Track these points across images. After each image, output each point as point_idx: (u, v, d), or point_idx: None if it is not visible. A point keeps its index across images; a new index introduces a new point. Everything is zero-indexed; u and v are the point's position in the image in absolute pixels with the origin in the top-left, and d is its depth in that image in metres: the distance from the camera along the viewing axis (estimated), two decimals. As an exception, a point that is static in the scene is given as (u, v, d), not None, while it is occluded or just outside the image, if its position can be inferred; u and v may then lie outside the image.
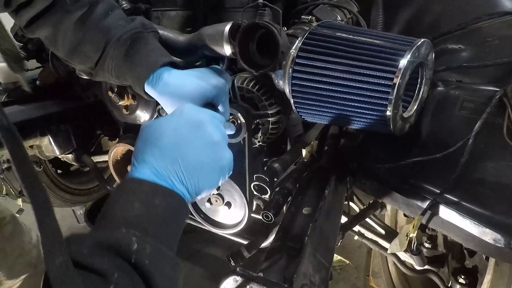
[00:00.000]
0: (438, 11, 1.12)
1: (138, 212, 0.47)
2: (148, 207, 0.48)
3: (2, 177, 1.78)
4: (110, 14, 0.78)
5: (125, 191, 0.50)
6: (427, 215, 0.79)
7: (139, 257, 0.42)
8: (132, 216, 0.47)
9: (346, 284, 1.84)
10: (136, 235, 0.44)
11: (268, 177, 0.97)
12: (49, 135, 1.37)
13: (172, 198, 0.52)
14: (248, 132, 0.93)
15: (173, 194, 0.52)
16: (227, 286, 0.60)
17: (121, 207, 0.48)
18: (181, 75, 0.74)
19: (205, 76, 0.75)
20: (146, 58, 0.75)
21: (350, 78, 0.74)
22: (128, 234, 0.44)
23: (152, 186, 0.51)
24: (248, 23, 0.80)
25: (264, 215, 0.89)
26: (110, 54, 0.76)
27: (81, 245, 0.42)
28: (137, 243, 0.43)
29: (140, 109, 1.12)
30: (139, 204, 0.48)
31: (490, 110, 0.74)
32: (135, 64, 0.75)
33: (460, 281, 1.09)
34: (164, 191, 0.51)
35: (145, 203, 0.48)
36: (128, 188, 0.51)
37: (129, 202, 0.48)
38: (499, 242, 0.70)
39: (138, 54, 0.75)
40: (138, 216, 0.47)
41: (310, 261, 0.70)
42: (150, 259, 0.43)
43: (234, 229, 1.10)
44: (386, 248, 1.24)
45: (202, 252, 2.02)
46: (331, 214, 0.88)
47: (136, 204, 0.48)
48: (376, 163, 0.87)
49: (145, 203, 0.48)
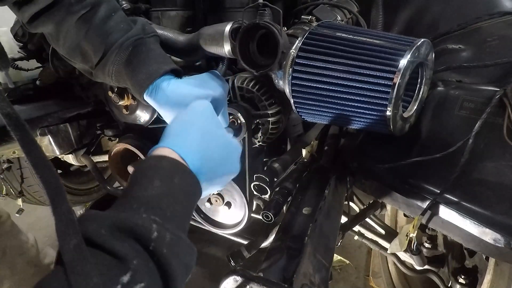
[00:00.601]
0: (438, 11, 1.12)
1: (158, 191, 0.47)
2: (167, 186, 0.48)
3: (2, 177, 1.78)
4: (113, 16, 0.78)
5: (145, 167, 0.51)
6: (427, 215, 0.79)
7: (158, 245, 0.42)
8: (152, 195, 0.47)
9: (346, 284, 1.84)
10: (156, 222, 0.43)
11: (268, 177, 0.97)
12: (49, 135, 1.37)
13: (191, 178, 0.53)
14: (248, 132, 0.93)
15: (191, 174, 0.53)
16: (227, 286, 0.60)
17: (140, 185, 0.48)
18: (179, 87, 0.74)
19: (204, 84, 0.75)
20: (146, 66, 0.75)
21: (350, 78, 0.74)
22: (149, 219, 0.43)
23: (173, 163, 0.52)
24: (249, 23, 0.80)
25: (264, 215, 0.89)
26: (111, 60, 0.77)
27: (100, 224, 0.41)
28: (157, 231, 0.42)
29: (140, 109, 1.12)
30: (159, 182, 0.48)
31: (490, 110, 0.74)
32: (135, 72, 0.76)
33: (460, 281, 1.09)
34: (183, 169, 0.52)
35: (165, 181, 0.49)
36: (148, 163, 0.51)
37: (149, 180, 0.48)
38: (499, 242, 0.70)
39: (138, 62, 0.76)
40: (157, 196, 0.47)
41: (310, 261, 0.70)
42: (168, 248, 0.42)
43: (234, 229, 1.10)
44: (386, 248, 1.24)
45: (202, 252, 2.02)
46: (331, 214, 0.88)
47: (156, 181, 0.48)
48: (376, 163, 0.87)
49: (165, 181, 0.49)
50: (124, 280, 0.37)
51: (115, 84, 0.81)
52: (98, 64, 0.78)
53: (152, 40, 0.81)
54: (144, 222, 0.42)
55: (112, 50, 0.76)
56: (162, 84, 0.74)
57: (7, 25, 1.48)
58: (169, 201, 0.47)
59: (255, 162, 1.04)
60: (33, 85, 1.57)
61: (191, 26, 1.09)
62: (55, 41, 0.82)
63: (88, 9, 0.77)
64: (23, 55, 1.49)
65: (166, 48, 0.89)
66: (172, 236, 0.43)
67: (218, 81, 0.78)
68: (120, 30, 0.77)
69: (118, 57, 0.76)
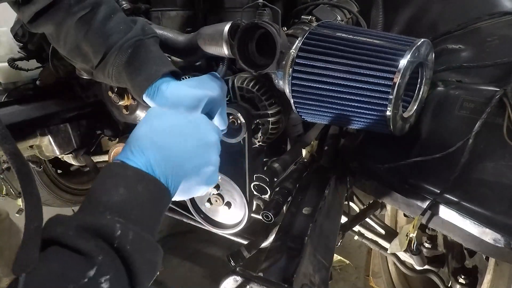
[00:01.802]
0: (438, 11, 1.11)
1: (122, 198, 0.49)
2: (131, 193, 0.50)
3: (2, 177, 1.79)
4: (112, 18, 0.78)
5: (110, 174, 0.52)
6: (427, 215, 0.79)
7: (122, 242, 0.45)
8: (116, 201, 0.49)
9: (346, 284, 1.84)
10: (120, 222, 0.46)
11: (268, 177, 0.97)
12: (49, 135, 1.38)
13: (154, 185, 0.53)
14: (248, 132, 0.93)
15: (156, 181, 0.54)
16: (227, 286, 0.60)
17: (106, 191, 0.50)
18: (177, 89, 0.74)
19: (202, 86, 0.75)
20: (145, 68, 0.76)
21: (350, 78, 0.74)
22: (112, 220, 0.46)
23: (137, 172, 0.53)
24: (247, 23, 0.80)
25: (264, 215, 0.89)
26: (111, 61, 0.77)
27: (67, 226, 0.44)
28: (120, 230, 0.45)
29: (140, 109, 1.12)
30: (124, 190, 0.50)
31: (490, 110, 0.74)
32: (135, 74, 0.76)
33: (460, 281, 1.09)
34: (147, 177, 0.53)
35: (129, 189, 0.50)
36: (114, 172, 0.53)
37: (114, 187, 0.50)
38: (499, 242, 0.70)
39: (138, 64, 0.77)
40: (122, 202, 0.49)
41: (310, 261, 0.70)
42: (132, 245, 0.45)
43: (234, 229, 1.10)
44: (386, 248, 1.24)
45: (202, 252, 2.02)
46: (331, 214, 0.88)
47: (120, 189, 0.50)
48: (376, 163, 0.87)
49: (129, 189, 0.50)
50: (91, 274, 0.41)
51: (116, 85, 0.82)
52: (98, 66, 0.79)
53: (151, 41, 0.81)
54: (108, 222, 0.46)
55: (111, 52, 0.76)
56: (161, 86, 0.75)
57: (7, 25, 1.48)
58: (133, 206, 0.50)
59: (255, 162, 1.04)
60: (33, 85, 1.57)
61: (191, 26, 1.09)
62: (56, 42, 0.82)
63: (88, 10, 0.77)
64: (23, 55, 1.49)
65: (166, 48, 0.90)
66: (134, 235, 0.46)
67: (217, 82, 0.78)
68: (120, 31, 0.78)
69: (117, 59, 0.77)
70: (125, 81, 0.78)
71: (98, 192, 0.50)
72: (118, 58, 0.77)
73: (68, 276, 0.40)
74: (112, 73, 0.78)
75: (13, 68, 1.50)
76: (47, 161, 1.85)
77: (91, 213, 0.48)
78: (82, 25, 0.77)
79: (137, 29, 0.80)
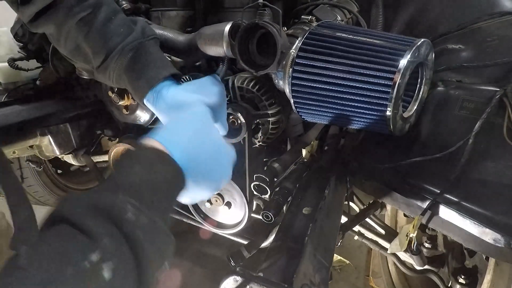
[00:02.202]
0: (438, 11, 1.11)
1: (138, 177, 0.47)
2: (148, 173, 0.48)
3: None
4: (113, 20, 0.79)
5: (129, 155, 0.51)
6: (427, 215, 0.79)
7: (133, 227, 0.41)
8: (132, 181, 0.47)
9: (346, 284, 1.84)
10: (132, 203, 0.43)
11: (268, 177, 0.97)
12: (49, 135, 1.37)
13: (173, 169, 0.52)
14: (248, 132, 0.93)
15: (175, 165, 0.52)
16: (227, 286, 0.60)
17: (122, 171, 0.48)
18: (177, 93, 0.74)
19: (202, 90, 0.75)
20: (145, 72, 0.76)
21: (350, 78, 0.74)
22: (124, 201, 0.43)
23: (156, 152, 0.52)
24: (248, 23, 0.80)
25: (264, 215, 0.89)
26: (112, 65, 0.77)
27: (76, 204, 0.41)
28: (132, 213, 0.42)
29: (140, 109, 1.12)
30: (140, 169, 0.48)
31: (490, 110, 0.74)
32: (135, 78, 0.77)
33: (460, 281, 1.09)
34: (167, 159, 0.52)
35: (145, 168, 0.49)
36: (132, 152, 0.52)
37: (130, 166, 0.48)
38: (499, 242, 0.70)
39: (138, 67, 0.77)
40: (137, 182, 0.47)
41: (310, 261, 0.70)
42: (144, 232, 0.42)
43: (234, 229, 1.10)
44: (386, 248, 1.24)
45: (202, 252, 2.02)
46: (331, 214, 0.88)
47: (136, 167, 0.48)
48: (376, 163, 0.87)
49: (146, 168, 0.49)
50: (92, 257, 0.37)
51: (117, 86, 0.82)
52: (99, 68, 0.79)
53: (151, 43, 0.81)
54: (120, 203, 0.42)
55: (112, 55, 0.76)
56: (161, 90, 0.75)
57: (7, 25, 1.48)
58: (148, 187, 0.47)
59: (255, 162, 1.04)
60: (33, 85, 1.57)
61: (191, 26, 1.09)
62: (57, 42, 0.82)
63: (89, 11, 0.77)
64: (23, 55, 1.49)
65: (166, 49, 0.90)
66: (147, 221, 0.43)
67: (218, 86, 0.78)
68: (120, 34, 0.78)
69: (118, 63, 0.77)
70: (126, 84, 0.79)
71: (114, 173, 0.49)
72: (118, 62, 0.77)
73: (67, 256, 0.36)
74: (113, 76, 0.79)
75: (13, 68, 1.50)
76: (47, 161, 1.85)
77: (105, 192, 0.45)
78: (83, 26, 0.77)
79: (137, 31, 0.80)
